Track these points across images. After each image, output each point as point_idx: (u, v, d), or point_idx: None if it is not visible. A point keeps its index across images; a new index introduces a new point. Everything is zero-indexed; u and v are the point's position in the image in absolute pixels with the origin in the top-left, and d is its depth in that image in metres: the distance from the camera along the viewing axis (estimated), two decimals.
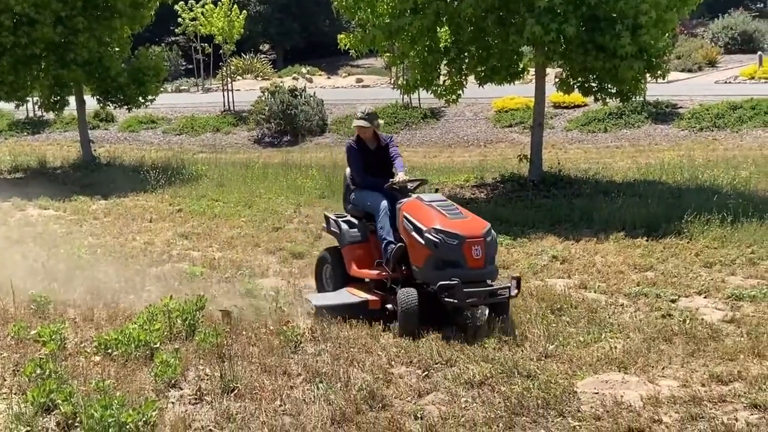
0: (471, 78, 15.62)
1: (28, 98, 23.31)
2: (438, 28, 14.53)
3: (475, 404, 5.65)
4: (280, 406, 5.54)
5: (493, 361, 6.29)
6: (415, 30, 13.71)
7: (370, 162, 8.17)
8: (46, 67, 19.06)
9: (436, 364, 6.29)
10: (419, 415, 5.41)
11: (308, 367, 6.22)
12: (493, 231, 7.50)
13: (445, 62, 15.07)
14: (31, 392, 5.42)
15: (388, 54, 16.05)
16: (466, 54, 14.87)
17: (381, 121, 8.35)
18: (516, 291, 7.34)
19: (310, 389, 5.77)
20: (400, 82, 19.96)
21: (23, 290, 8.45)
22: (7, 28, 17.96)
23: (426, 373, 6.18)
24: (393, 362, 6.39)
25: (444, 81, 15.33)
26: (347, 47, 15.43)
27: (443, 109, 28.61)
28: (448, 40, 14.67)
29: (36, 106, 25.90)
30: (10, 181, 19.04)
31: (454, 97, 15.29)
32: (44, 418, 5.28)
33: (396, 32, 13.93)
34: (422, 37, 14.21)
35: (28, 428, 5.05)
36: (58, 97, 20.20)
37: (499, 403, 5.59)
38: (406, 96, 28.98)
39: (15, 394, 5.66)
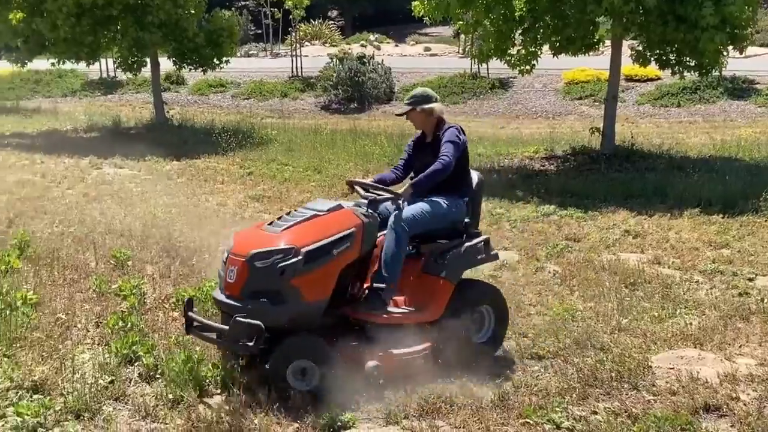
0: (545, 48, 15.38)
1: (101, 58, 23.67)
2: None
3: (547, 374, 5.66)
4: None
5: (563, 333, 6.28)
6: None
7: (422, 158, 6.12)
8: (124, 29, 19.34)
9: (507, 334, 6.29)
10: (492, 383, 5.45)
11: None
12: (285, 260, 5.12)
13: (519, 31, 14.85)
14: (114, 344, 5.60)
15: (461, 22, 15.85)
16: (541, 23, 14.63)
17: (437, 105, 6.08)
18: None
19: None
20: (472, 51, 19.75)
21: (103, 246, 8.70)
22: None
23: None
24: None
25: (518, 50, 15.13)
26: (421, 14, 15.30)
27: (512, 79, 28.31)
28: (524, 9, 14.42)
29: (114, 67, 26.31)
30: (86, 139, 19.44)
31: (527, 67, 15.07)
32: (127, 369, 5.45)
33: (471, 0, 13.78)
34: (497, 5, 14.01)
35: (113, 377, 5.22)
36: (136, 59, 20.51)
37: (572, 374, 5.59)
38: (474, 66, 28.81)
39: (98, 344, 5.84)
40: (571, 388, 5.37)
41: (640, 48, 14.63)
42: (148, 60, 20.97)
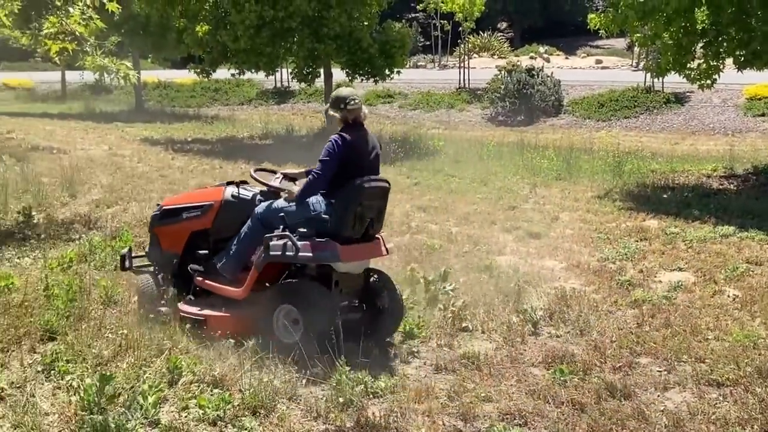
0: (727, 62, 14.71)
1: (278, 69, 24.73)
2: (695, 9, 13.77)
3: (726, 403, 5.38)
4: (517, 384, 5.55)
5: (744, 361, 5.95)
6: (671, 10, 13.07)
7: None
8: (300, 40, 20.04)
9: (682, 358, 6.03)
10: (665, 409, 5.24)
11: (548, 350, 6.18)
12: (154, 213, 7.04)
13: (701, 45, 14.28)
14: None
15: (638, 35, 15.41)
16: (724, 36, 14.00)
17: (338, 114, 6.26)
18: None
19: (550, 374, 5.72)
20: (648, 65, 19.16)
21: None
22: (267, 2, 19.05)
23: (670, 366, 5.95)
24: (636, 352, 6.21)
25: (698, 64, 14.53)
26: (597, 27, 15.02)
27: (688, 94, 27.27)
28: (706, 22, 13.87)
29: (290, 77, 27.33)
30: (261, 146, 20.28)
31: (708, 81, 14.44)
32: (299, 372, 5.60)
33: (650, 12, 13.35)
34: (678, 17, 13.51)
35: (286, 377, 5.37)
36: (311, 69, 21.21)
37: (753, 404, 5.28)
38: (648, 79, 27.93)
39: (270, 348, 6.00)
40: (752, 419, 5.08)
41: None
42: (321, 70, 21.61)
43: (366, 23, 20.39)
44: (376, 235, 6.38)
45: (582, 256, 9.39)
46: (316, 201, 6.13)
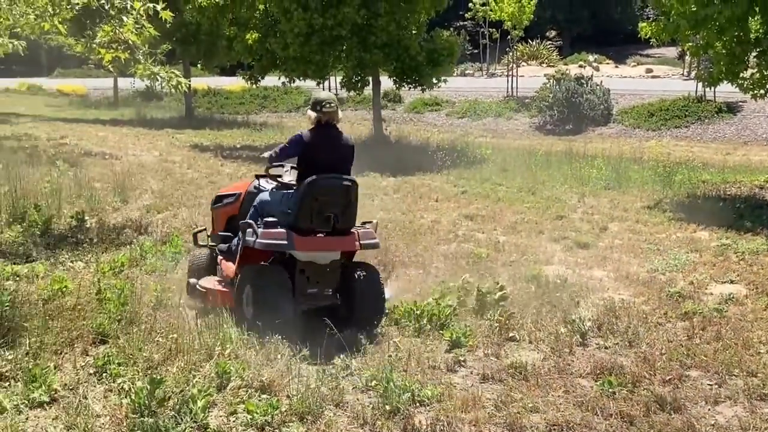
0: None
1: (327, 77, 24.96)
2: (749, 18, 13.55)
3: None
4: (565, 395, 5.51)
5: None
6: (723, 19, 12.87)
7: None
8: (348, 49, 20.16)
9: (734, 371, 5.93)
10: (715, 423, 5.16)
11: (596, 361, 6.12)
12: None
13: (754, 54, 14.05)
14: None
15: (690, 44, 15.22)
16: None
17: (312, 113, 6.92)
18: None
19: (599, 385, 5.67)
20: (700, 74, 18.91)
21: None
22: (316, 10, 19.20)
23: (721, 380, 5.86)
24: (687, 365, 6.13)
25: (751, 74, 14.30)
26: (648, 36, 14.87)
27: (741, 103, 26.85)
28: (760, 30, 13.64)
29: (338, 85, 27.54)
30: None
31: (762, 91, 14.17)
32: (345, 379, 5.64)
33: (702, 21, 13.16)
34: (731, 26, 13.29)
35: (334, 384, 5.41)
36: (359, 77, 21.31)
37: None
38: (699, 89, 27.55)
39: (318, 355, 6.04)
40: None
41: None
42: (369, 78, 21.69)
43: (414, 31, 20.41)
44: (350, 230, 6.82)
45: (631, 267, 9.29)
46: (286, 195, 6.86)
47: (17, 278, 7.73)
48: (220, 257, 7.40)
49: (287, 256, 6.74)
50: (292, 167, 7.04)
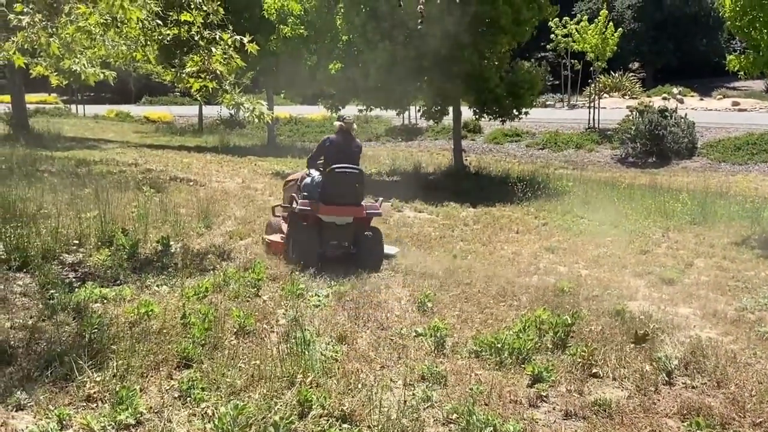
0: None
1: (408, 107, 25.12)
2: None
3: None
4: None
5: None
6: None
7: None
8: (429, 79, 20.25)
9: None
10: None
11: (683, 401, 5.95)
12: None
13: None
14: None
15: None
16: None
17: (336, 123, 10.57)
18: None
19: (686, 426, 5.50)
20: None
21: (411, 285, 9.01)
22: (400, 42, 19.35)
23: None
24: None
25: None
26: (736, 69, 14.57)
27: None
28: None
29: (418, 115, 27.71)
30: (389, 183, 20.48)
31: None
32: (425, 411, 5.59)
33: None
34: None
35: (414, 416, 5.38)
36: (439, 107, 21.38)
37: None
38: None
39: (403, 385, 6.01)
40: None
41: None
42: (450, 108, 21.74)
43: (496, 63, 20.39)
44: (359, 203, 9.90)
45: (718, 305, 9.04)
46: (318, 179, 9.99)
47: (105, 301, 7.90)
48: (281, 220, 10.55)
49: (317, 219, 9.72)
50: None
